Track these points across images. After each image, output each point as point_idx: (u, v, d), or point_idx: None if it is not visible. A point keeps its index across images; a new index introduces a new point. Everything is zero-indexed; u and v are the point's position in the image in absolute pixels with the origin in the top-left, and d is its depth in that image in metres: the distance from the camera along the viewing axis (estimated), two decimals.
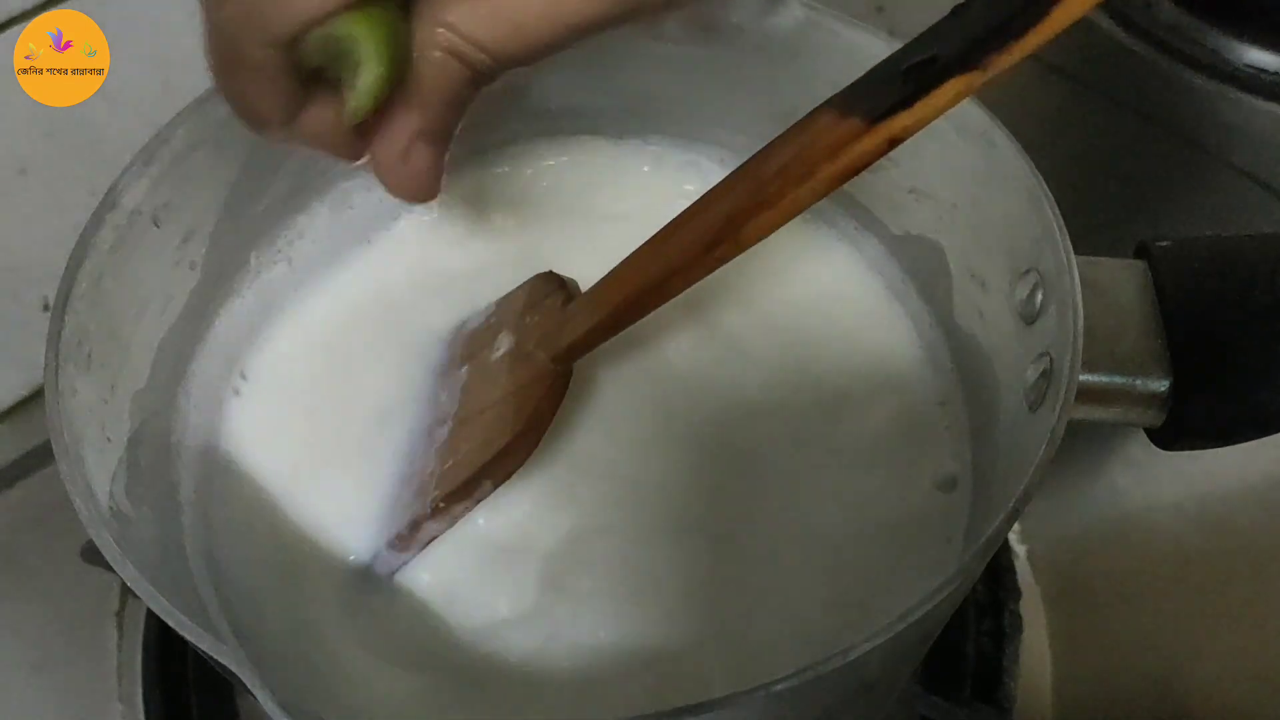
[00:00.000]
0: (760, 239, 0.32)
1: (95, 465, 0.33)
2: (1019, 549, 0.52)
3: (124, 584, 0.29)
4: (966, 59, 0.27)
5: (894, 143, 0.28)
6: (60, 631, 0.50)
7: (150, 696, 0.47)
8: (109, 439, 0.35)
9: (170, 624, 0.28)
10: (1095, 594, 0.51)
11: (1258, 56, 0.66)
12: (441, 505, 0.37)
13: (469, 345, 0.42)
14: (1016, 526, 0.52)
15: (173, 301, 0.40)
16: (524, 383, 0.38)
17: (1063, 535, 0.52)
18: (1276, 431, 0.35)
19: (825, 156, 0.29)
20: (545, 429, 0.38)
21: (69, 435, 0.32)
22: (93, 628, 0.49)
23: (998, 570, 0.50)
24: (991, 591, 0.50)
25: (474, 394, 0.40)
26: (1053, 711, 0.48)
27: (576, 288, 0.40)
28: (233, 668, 0.27)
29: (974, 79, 0.27)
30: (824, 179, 0.29)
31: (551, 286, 0.41)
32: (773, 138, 0.32)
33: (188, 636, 0.28)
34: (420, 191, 0.33)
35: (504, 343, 0.40)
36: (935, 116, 0.28)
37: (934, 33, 0.28)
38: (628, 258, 0.36)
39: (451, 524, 0.38)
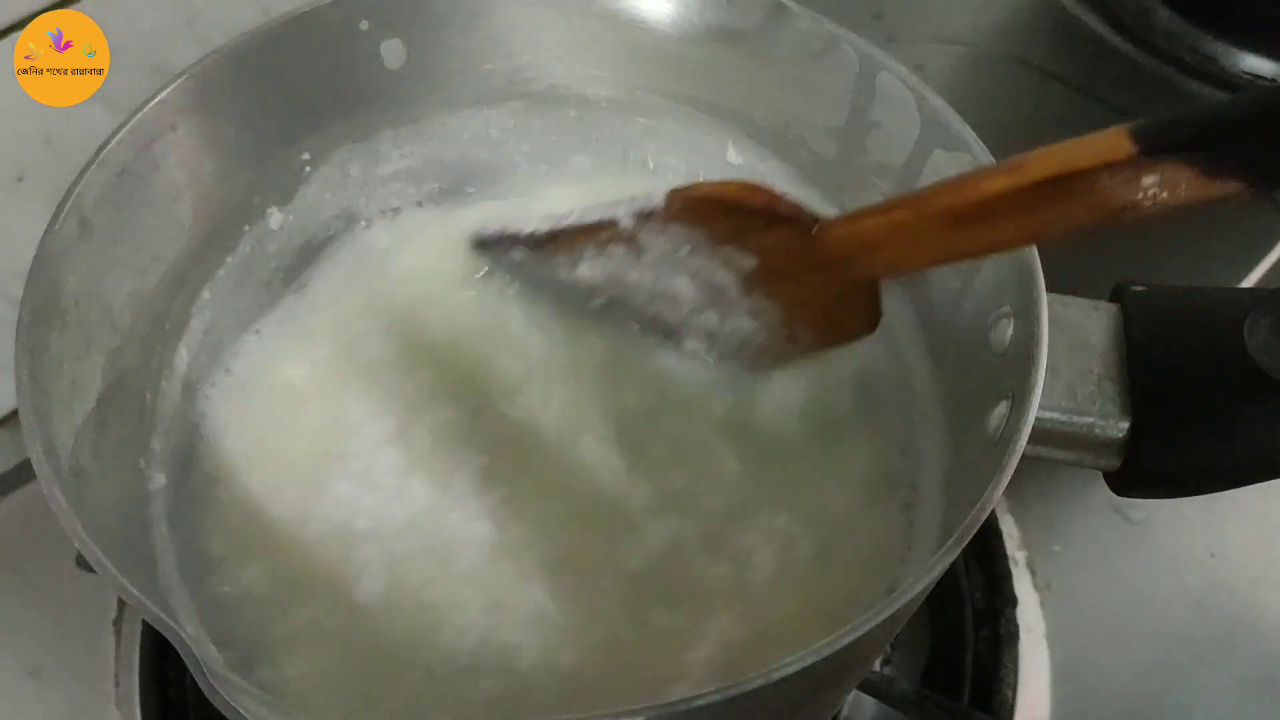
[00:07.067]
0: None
1: (61, 420, 0.33)
2: (1017, 556, 0.52)
3: None
4: None
5: None
6: (58, 638, 0.49)
7: (147, 703, 0.47)
8: (79, 395, 0.35)
9: (114, 589, 0.28)
10: (1093, 601, 0.51)
11: (1254, 63, 0.65)
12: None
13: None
14: (1015, 534, 0.52)
15: (157, 262, 0.40)
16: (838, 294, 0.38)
17: (1060, 543, 0.52)
18: (1230, 488, 0.34)
19: None
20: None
21: (34, 390, 0.32)
22: (90, 635, 0.49)
23: (996, 578, 0.50)
24: (989, 599, 0.50)
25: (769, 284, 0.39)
26: (1051, 719, 0.48)
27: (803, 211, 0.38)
28: (171, 640, 0.27)
29: None
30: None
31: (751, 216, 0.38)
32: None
33: (129, 601, 0.28)
34: None
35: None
36: None
37: None
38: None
39: None
